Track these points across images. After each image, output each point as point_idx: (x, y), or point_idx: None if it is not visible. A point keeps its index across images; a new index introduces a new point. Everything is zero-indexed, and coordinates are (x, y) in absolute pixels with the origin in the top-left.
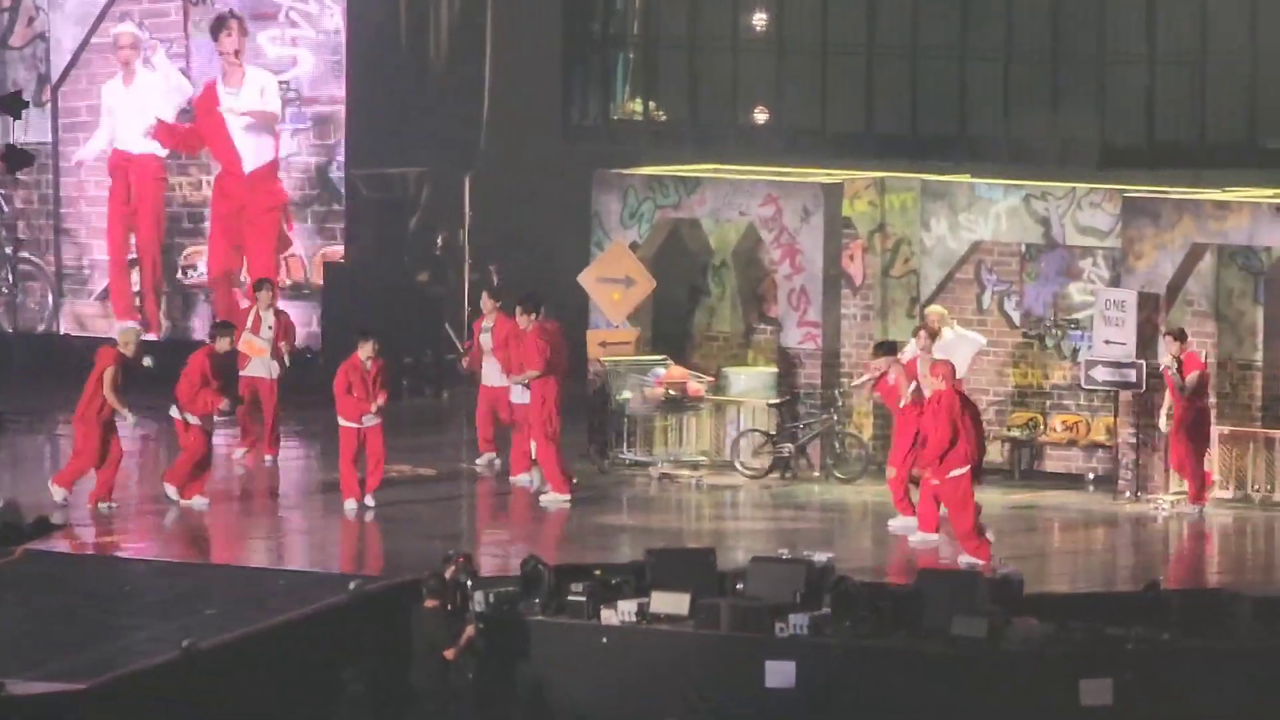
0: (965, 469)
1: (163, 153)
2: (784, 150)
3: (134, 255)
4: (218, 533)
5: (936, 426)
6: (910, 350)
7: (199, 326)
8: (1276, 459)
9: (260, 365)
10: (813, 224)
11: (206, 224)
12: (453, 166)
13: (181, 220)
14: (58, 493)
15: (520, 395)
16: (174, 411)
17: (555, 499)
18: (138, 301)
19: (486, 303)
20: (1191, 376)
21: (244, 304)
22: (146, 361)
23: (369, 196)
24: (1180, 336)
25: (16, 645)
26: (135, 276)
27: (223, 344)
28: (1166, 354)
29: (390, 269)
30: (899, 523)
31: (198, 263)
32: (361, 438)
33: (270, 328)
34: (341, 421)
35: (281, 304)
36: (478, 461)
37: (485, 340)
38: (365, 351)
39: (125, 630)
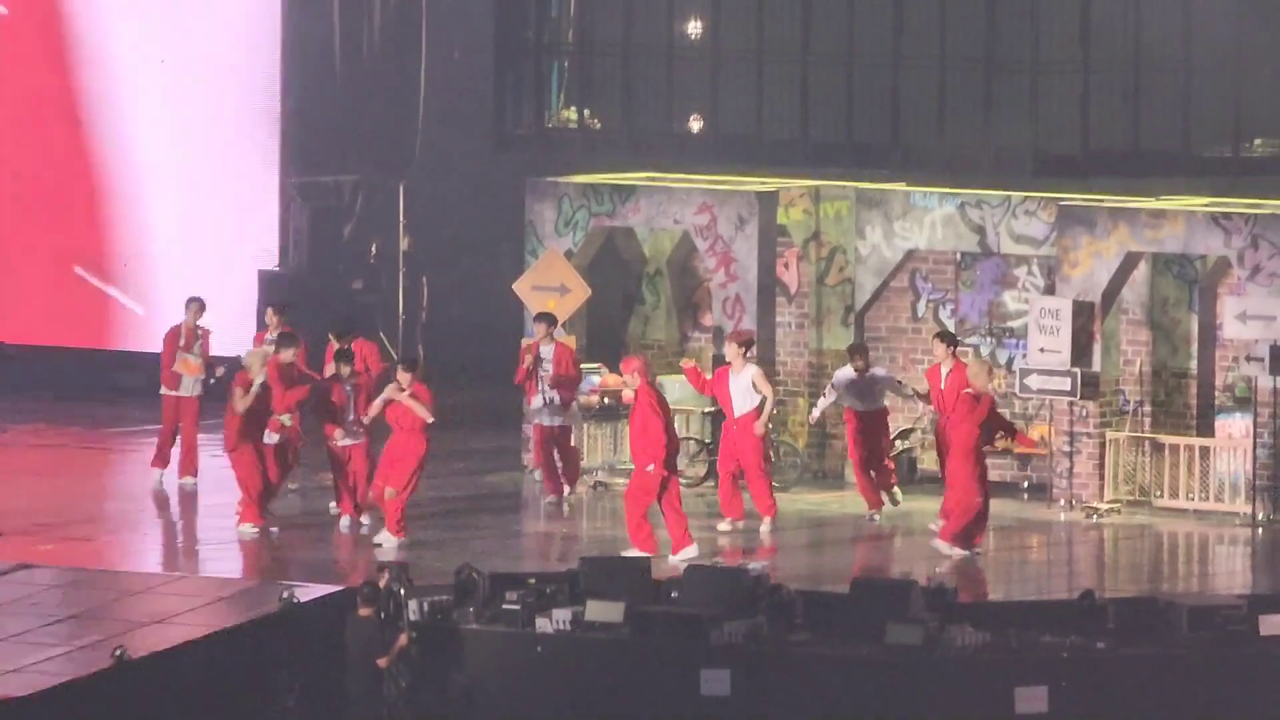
0: (653, 466)
1: None
2: (719, 158)
3: None
4: (151, 542)
5: (637, 422)
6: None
7: None
8: (1210, 467)
9: (190, 384)
10: (748, 232)
11: None
12: (387, 174)
13: None
14: (249, 531)
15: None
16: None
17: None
18: None
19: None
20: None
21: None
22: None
23: (304, 204)
24: (949, 340)
25: None
26: None
27: (287, 355)
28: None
29: (326, 277)
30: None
31: None
32: (345, 456)
33: (200, 343)
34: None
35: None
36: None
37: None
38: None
39: (54, 641)
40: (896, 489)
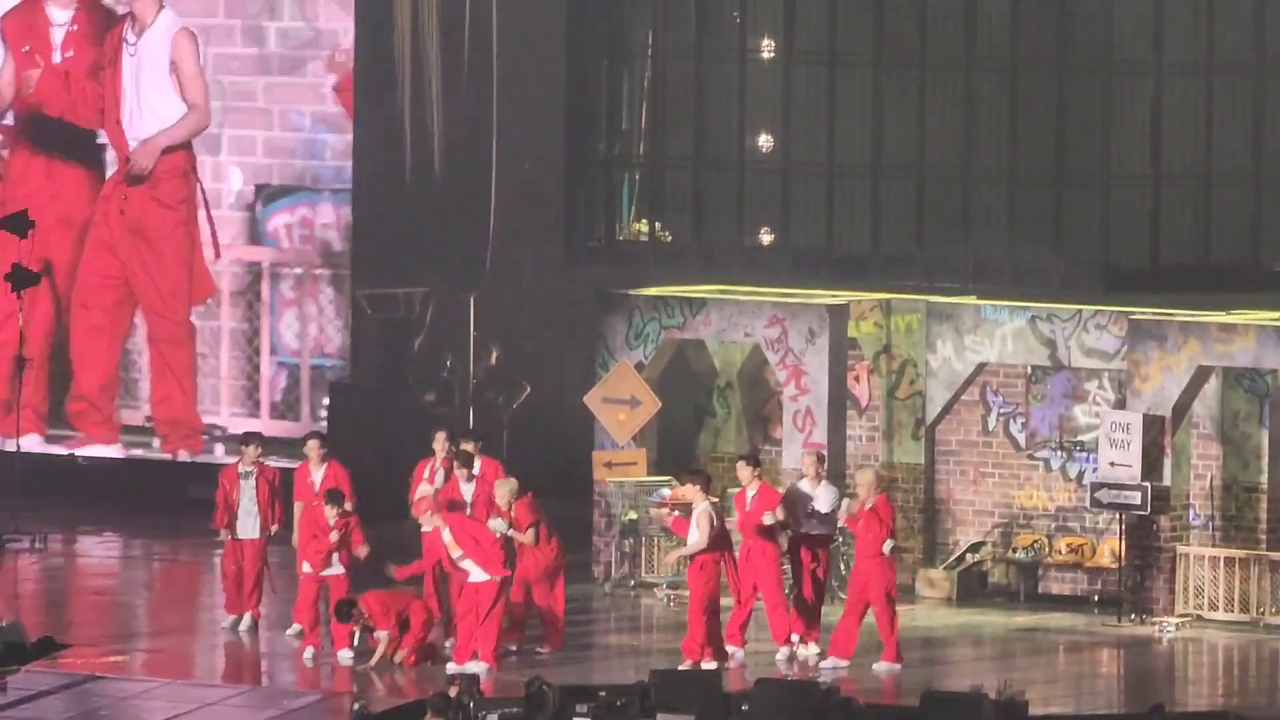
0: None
1: None
2: (789, 271)
3: None
4: (224, 654)
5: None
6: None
7: None
8: None
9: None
10: (818, 345)
11: None
12: (457, 286)
13: None
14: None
15: None
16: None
17: None
18: None
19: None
20: (767, 515)
21: None
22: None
23: (373, 316)
24: (753, 461)
25: None
26: None
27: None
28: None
29: (395, 389)
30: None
31: None
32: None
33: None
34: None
35: None
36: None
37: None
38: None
39: None
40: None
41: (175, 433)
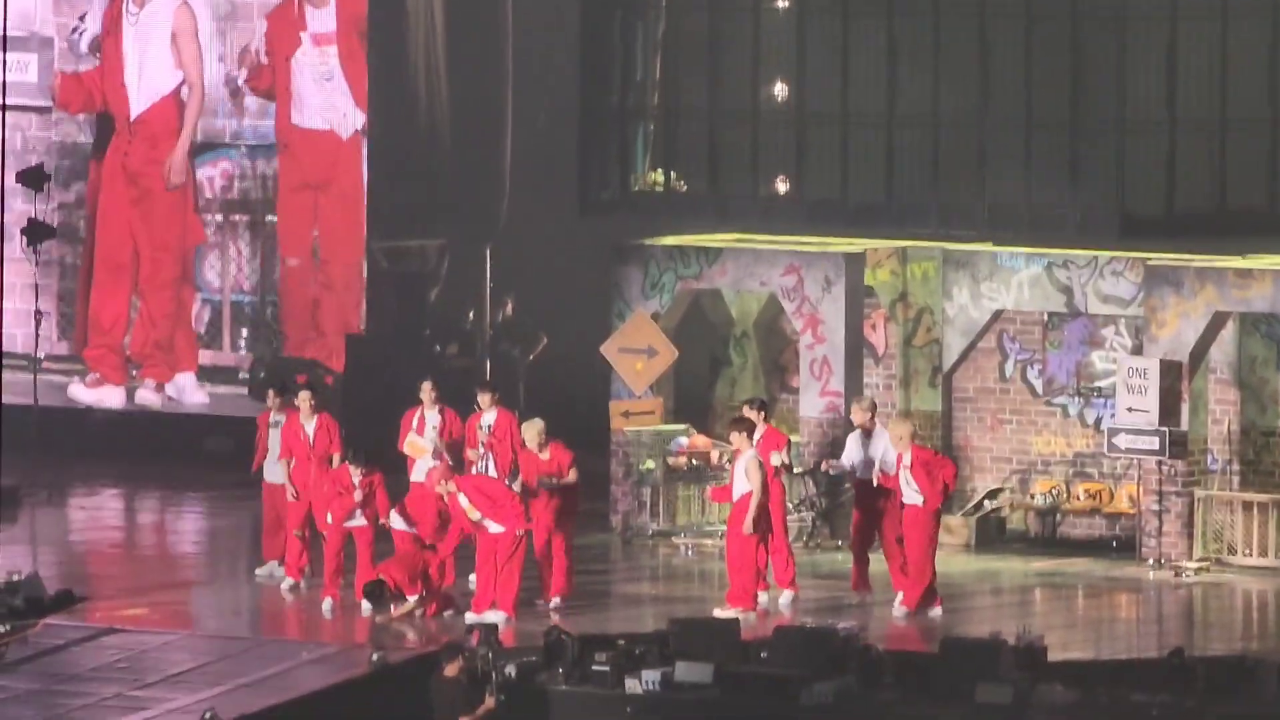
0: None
1: None
2: (805, 220)
3: None
4: (243, 606)
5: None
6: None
7: None
8: None
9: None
10: (834, 294)
11: None
12: (473, 239)
13: None
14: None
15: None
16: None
17: None
18: None
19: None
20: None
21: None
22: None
23: (389, 269)
24: (759, 407)
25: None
26: None
27: None
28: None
29: (411, 342)
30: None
31: None
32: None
33: (435, 426)
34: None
35: None
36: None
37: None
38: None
39: (144, 705)
40: None
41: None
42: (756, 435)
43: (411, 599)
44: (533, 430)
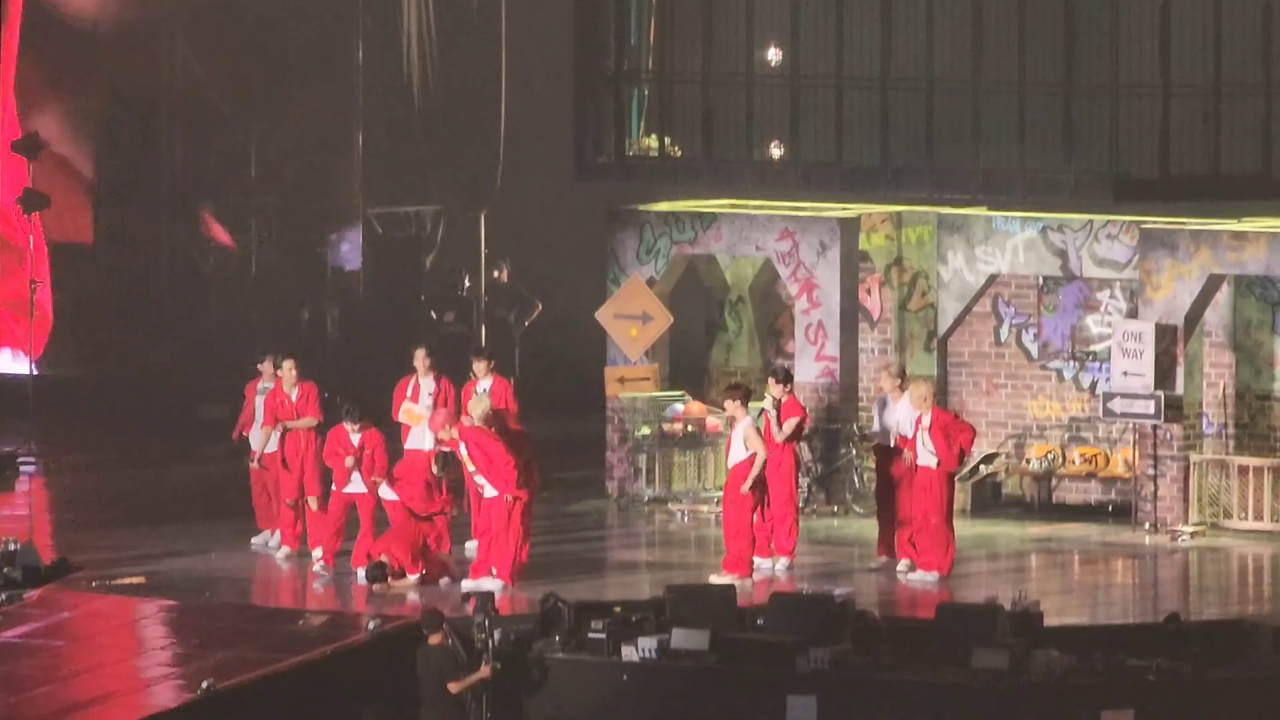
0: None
1: None
2: (800, 185)
3: None
4: (240, 574)
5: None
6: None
7: None
8: None
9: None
10: (829, 258)
11: None
12: (468, 204)
13: None
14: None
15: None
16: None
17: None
18: None
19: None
20: (790, 423)
21: None
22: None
23: (385, 234)
24: (784, 378)
25: (36, 686)
26: None
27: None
28: (768, 395)
29: (407, 307)
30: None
31: None
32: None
33: (430, 394)
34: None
35: None
36: None
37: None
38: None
39: (141, 673)
40: None
41: None
42: (781, 400)
43: (413, 578)
44: (480, 407)
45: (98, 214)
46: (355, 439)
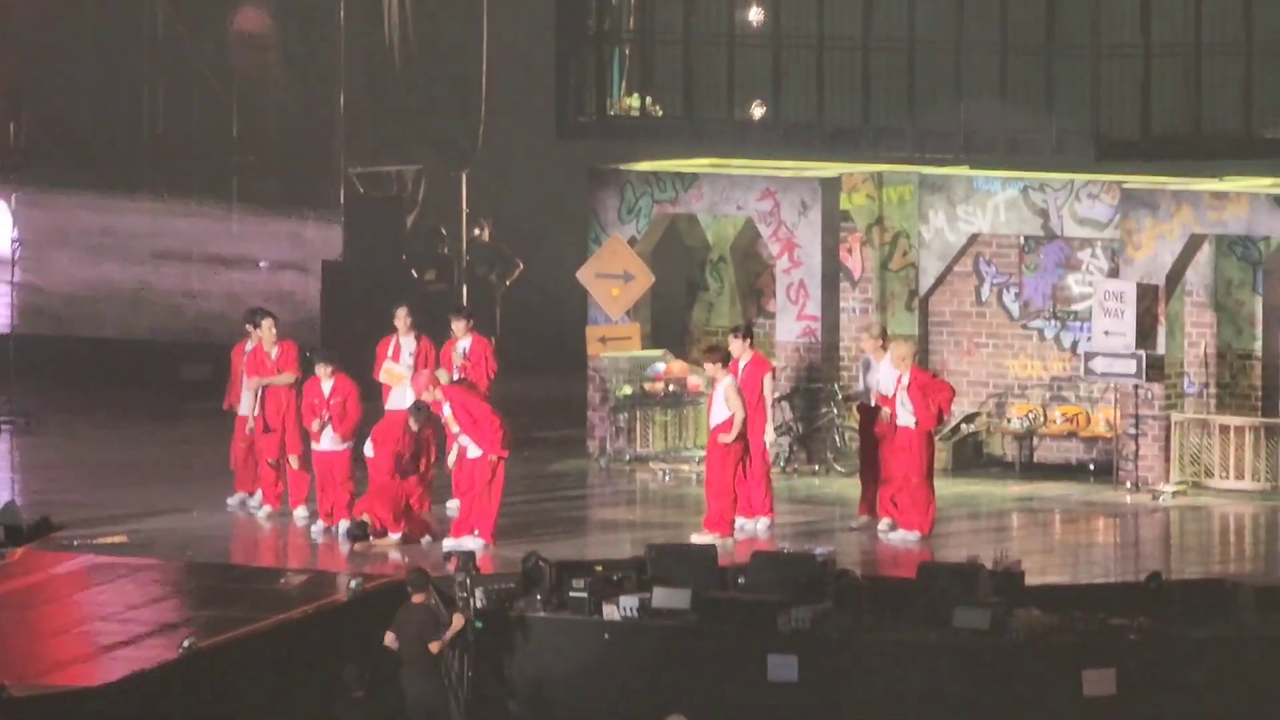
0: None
1: None
2: (781, 145)
3: None
4: (221, 533)
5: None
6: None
7: None
8: (1275, 448)
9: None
10: (810, 218)
11: None
12: (449, 163)
13: None
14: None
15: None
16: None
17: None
18: None
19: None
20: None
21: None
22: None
23: (366, 194)
24: (745, 332)
25: (18, 645)
26: None
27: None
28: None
29: (388, 267)
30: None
31: None
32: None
33: (411, 353)
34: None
35: None
36: None
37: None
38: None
39: (123, 632)
40: None
41: None
42: (743, 361)
43: (394, 536)
44: (442, 378)
45: None
46: (327, 386)
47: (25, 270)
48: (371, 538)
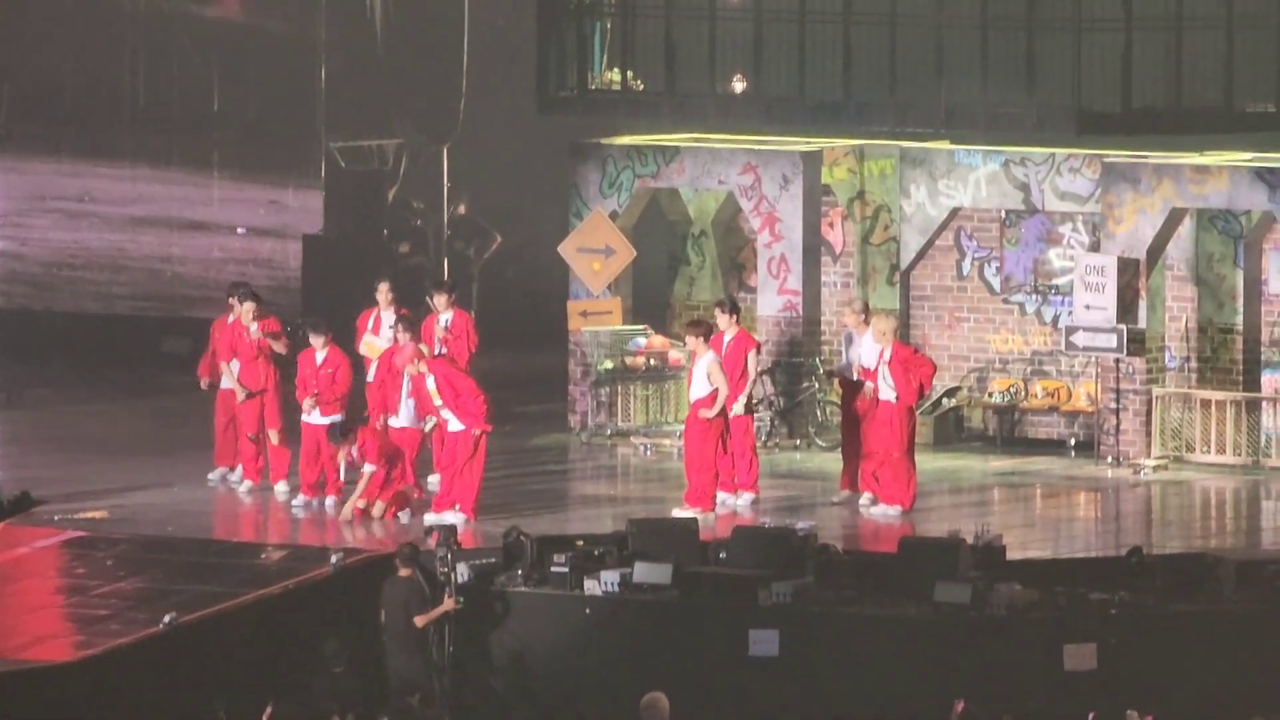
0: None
1: None
2: (762, 118)
3: None
4: (203, 508)
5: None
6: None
7: None
8: (1257, 422)
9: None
10: (792, 192)
11: None
12: (430, 137)
13: None
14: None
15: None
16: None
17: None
18: None
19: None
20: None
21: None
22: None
23: (346, 168)
24: (731, 308)
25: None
26: None
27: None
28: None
29: (369, 241)
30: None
31: None
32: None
33: (391, 327)
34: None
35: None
36: None
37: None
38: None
39: (105, 606)
40: None
41: None
42: (728, 336)
43: (369, 468)
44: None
45: None
46: (321, 356)
47: (5, 239)
48: (350, 444)
